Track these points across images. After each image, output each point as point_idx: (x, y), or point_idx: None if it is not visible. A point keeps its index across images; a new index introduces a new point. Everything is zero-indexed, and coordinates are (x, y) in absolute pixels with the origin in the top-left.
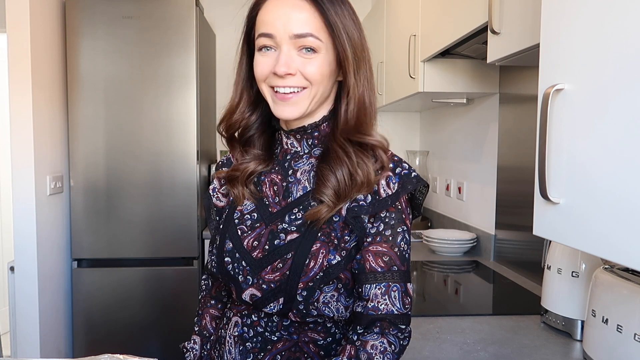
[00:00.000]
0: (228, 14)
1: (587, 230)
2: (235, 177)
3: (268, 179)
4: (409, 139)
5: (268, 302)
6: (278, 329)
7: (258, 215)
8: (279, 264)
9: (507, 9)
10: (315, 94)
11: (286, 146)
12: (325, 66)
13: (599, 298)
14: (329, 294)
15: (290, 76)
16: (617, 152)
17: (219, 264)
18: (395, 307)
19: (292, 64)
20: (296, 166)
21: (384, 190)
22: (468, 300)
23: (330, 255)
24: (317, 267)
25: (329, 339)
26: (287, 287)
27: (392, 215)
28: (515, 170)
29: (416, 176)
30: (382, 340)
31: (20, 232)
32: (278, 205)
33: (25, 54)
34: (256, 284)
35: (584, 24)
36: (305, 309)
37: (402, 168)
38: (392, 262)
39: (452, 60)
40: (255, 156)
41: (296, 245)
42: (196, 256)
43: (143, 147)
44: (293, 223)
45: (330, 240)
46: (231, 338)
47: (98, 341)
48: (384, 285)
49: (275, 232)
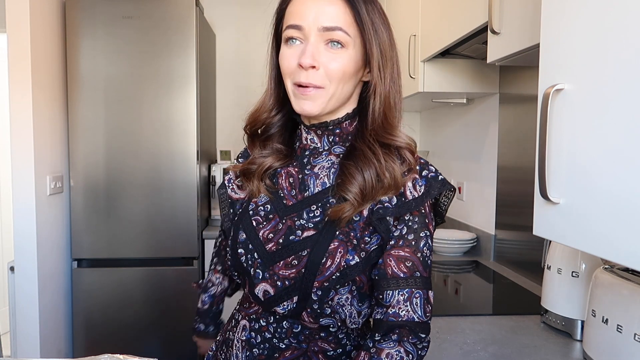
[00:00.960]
0: (228, 14)
1: (587, 230)
2: (252, 171)
3: (284, 171)
4: None
5: (281, 301)
6: (287, 336)
7: (272, 207)
8: (294, 260)
9: (507, 9)
10: (334, 92)
11: (305, 142)
12: (351, 63)
13: (599, 298)
14: (344, 296)
15: (313, 70)
16: (617, 152)
17: (233, 257)
18: (417, 314)
19: (318, 57)
20: (315, 162)
21: (410, 192)
22: (468, 300)
23: (349, 255)
24: (334, 266)
25: (339, 350)
26: (302, 285)
27: (416, 219)
28: (515, 170)
29: (442, 179)
30: (399, 349)
31: (20, 232)
32: (294, 199)
33: (25, 54)
34: (269, 280)
35: (584, 24)
36: (320, 308)
37: (429, 171)
38: (414, 268)
39: (452, 60)
40: (274, 151)
41: (312, 243)
42: (196, 256)
43: (143, 147)
44: (311, 220)
45: (349, 240)
46: (239, 342)
47: (98, 341)
48: (407, 292)
49: (292, 228)
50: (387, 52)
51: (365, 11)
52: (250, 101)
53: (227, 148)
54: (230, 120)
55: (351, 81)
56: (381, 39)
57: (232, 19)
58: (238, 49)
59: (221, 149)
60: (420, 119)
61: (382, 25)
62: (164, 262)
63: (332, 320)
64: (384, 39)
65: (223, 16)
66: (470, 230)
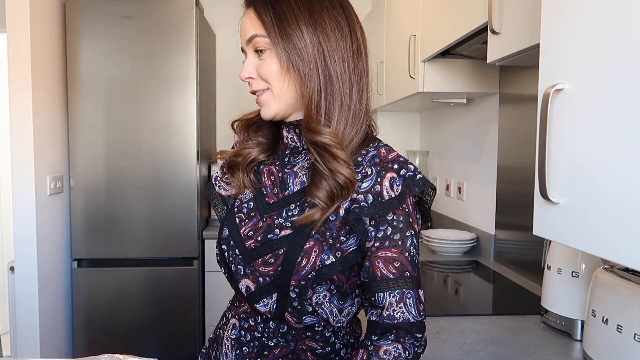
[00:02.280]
0: (228, 14)
1: (587, 230)
2: (237, 164)
3: (267, 169)
4: (409, 139)
5: (262, 297)
6: (275, 336)
7: (254, 204)
8: (271, 258)
9: (507, 9)
10: (278, 92)
11: (287, 140)
12: (276, 63)
13: (599, 298)
14: (322, 294)
15: (251, 80)
16: (617, 152)
17: (219, 252)
18: (411, 314)
19: (250, 67)
20: (295, 161)
21: (387, 192)
22: (468, 300)
23: (324, 255)
24: (310, 266)
25: (328, 349)
26: (280, 283)
27: (400, 218)
28: (515, 170)
29: (422, 178)
30: (397, 346)
31: (20, 232)
32: (275, 197)
33: (25, 54)
34: (251, 276)
35: (584, 24)
36: (300, 305)
37: (407, 170)
38: (403, 268)
39: (452, 60)
40: (259, 143)
41: (289, 242)
42: (196, 256)
43: (143, 147)
44: (289, 219)
45: (325, 240)
46: (228, 340)
47: (98, 341)
48: (398, 293)
49: (271, 226)
50: (305, 49)
51: (265, 11)
52: (250, 101)
53: (227, 148)
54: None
55: (291, 79)
56: (294, 33)
57: (232, 19)
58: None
59: (221, 149)
60: (420, 119)
61: (292, 16)
62: (164, 262)
63: (315, 319)
64: (298, 33)
65: (223, 16)
66: (470, 230)
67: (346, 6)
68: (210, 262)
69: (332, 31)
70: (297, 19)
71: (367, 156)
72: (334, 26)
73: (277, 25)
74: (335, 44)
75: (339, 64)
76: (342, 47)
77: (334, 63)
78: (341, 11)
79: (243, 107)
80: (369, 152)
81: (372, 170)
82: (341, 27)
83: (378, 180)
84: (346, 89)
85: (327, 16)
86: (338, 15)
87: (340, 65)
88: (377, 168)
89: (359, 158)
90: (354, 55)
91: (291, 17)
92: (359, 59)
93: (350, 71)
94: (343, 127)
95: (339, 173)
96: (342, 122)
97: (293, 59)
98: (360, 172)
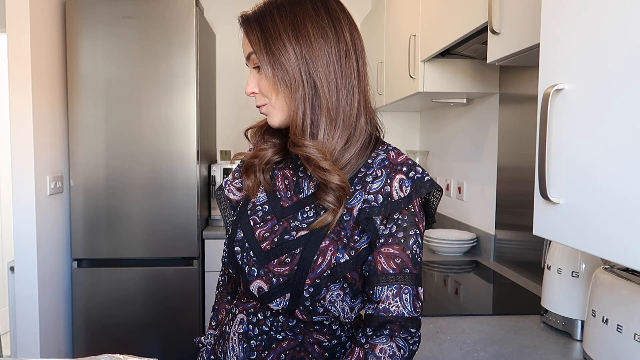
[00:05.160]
0: (228, 14)
1: (587, 230)
2: (253, 165)
3: (280, 173)
4: (409, 139)
5: (274, 297)
6: (283, 329)
7: (269, 208)
8: (287, 258)
9: (507, 9)
10: (274, 105)
11: None
12: (265, 79)
13: (599, 298)
14: (335, 293)
15: (255, 94)
16: (618, 152)
17: (229, 254)
18: (407, 309)
19: (252, 83)
20: None
21: (396, 192)
22: (468, 300)
23: (339, 253)
24: (325, 264)
25: (334, 341)
26: (295, 282)
27: (405, 217)
28: (515, 170)
29: (429, 180)
30: (391, 344)
31: (20, 232)
32: (290, 200)
33: (25, 54)
34: (264, 277)
35: (584, 23)
36: (312, 306)
37: (416, 172)
38: (404, 265)
39: (452, 60)
40: (274, 144)
41: (305, 241)
42: (196, 256)
43: (143, 147)
44: (305, 221)
45: (340, 239)
46: (235, 335)
47: (98, 341)
48: (396, 287)
49: (287, 229)
50: (289, 62)
51: (258, 30)
52: (250, 101)
53: (227, 148)
54: (230, 120)
55: (280, 92)
56: (277, 47)
57: (232, 19)
58: (238, 49)
59: (221, 149)
60: (420, 119)
61: (284, 31)
62: (164, 262)
63: (325, 316)
64: (273, 41)
65: (223, 16)
66: (470, 230)
67: (333, 10)
68: (210, 262)
69: (316, 39)
70: (279, 34)
71: (377, 159)
72: (317, 34)
73: (263, 42)
74: (319, 50)
75: (323, 70)
76: (327, 52)
77: (318, 70)
78: (326, 16)
79: (244, 106)
80: (378, 155)
81: (382, 172)
82: (326, 33)
83: (388, 181)
84: (333, 93)
85: (310, 25)
86: (322, 21)
87: (324, 71)
88: (387, 170)
89: (369, 160)
90: (340, 58)
91: (275, 32)
92: (348, 61)
93: (336, 75)
94: (331, 133)
95: (330, 181)
96: (330, 129)
97: (278, 73)
98: (371, 174)
